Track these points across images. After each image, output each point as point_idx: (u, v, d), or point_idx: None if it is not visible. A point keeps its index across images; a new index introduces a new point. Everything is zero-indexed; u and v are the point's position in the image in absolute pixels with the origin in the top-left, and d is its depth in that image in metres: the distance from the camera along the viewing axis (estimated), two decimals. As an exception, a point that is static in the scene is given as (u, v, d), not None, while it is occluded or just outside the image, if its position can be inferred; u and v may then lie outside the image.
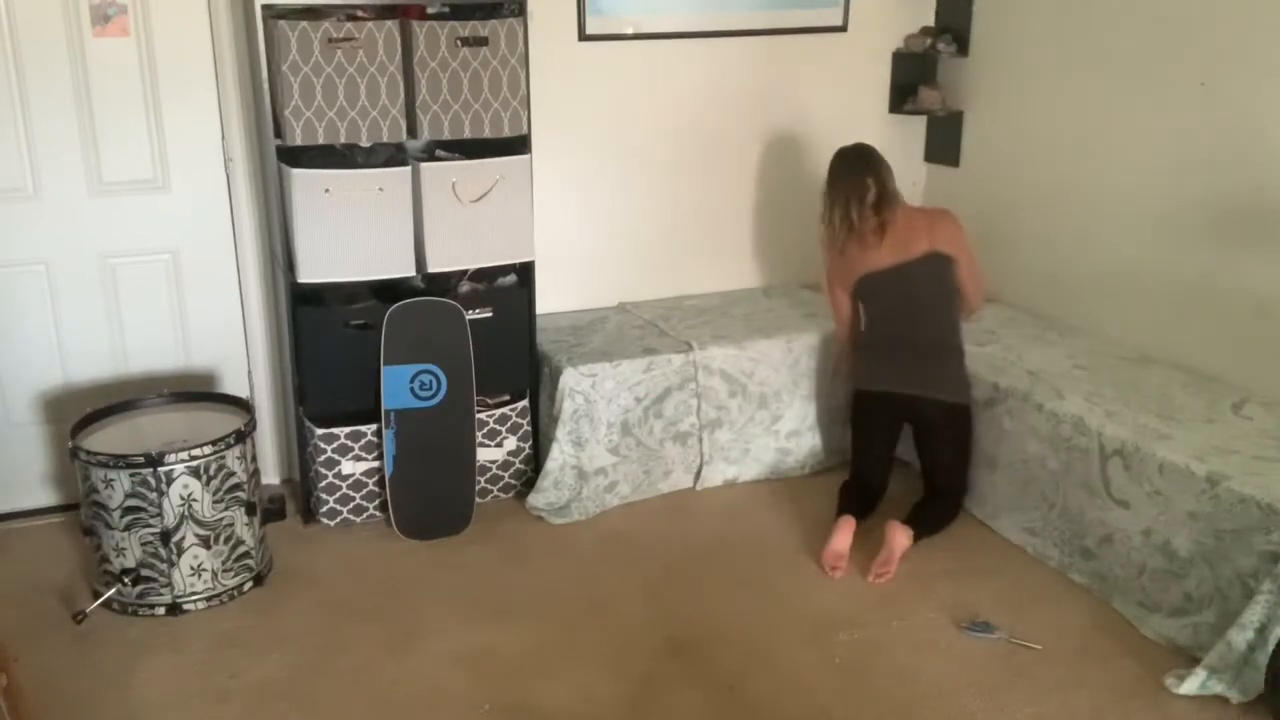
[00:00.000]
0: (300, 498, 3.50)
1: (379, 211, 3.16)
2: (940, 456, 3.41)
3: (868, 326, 3.45)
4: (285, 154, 3.15)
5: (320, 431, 3.31)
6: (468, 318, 3.36)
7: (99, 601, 2.93)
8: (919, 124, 4.40)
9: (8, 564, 3.25)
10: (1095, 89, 3.67)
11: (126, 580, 2.92)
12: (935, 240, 3.28)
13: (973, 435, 3.42)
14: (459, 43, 3.14)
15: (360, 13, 3.13)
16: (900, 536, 3.18)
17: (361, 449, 3.35)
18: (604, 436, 3.52)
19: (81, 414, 3.09)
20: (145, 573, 2.93)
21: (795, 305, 4.07)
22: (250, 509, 3.06)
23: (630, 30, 3.84)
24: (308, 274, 3.17)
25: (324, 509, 3.40)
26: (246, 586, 3.08)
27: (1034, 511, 3.23)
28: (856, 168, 3.35)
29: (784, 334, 3.76)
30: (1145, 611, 2.88)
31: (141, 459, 2.84)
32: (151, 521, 2.89)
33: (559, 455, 3.48)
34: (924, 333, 3.34)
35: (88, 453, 2.88)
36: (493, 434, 3.51)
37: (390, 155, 3.37)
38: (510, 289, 3.53)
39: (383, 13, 3.14)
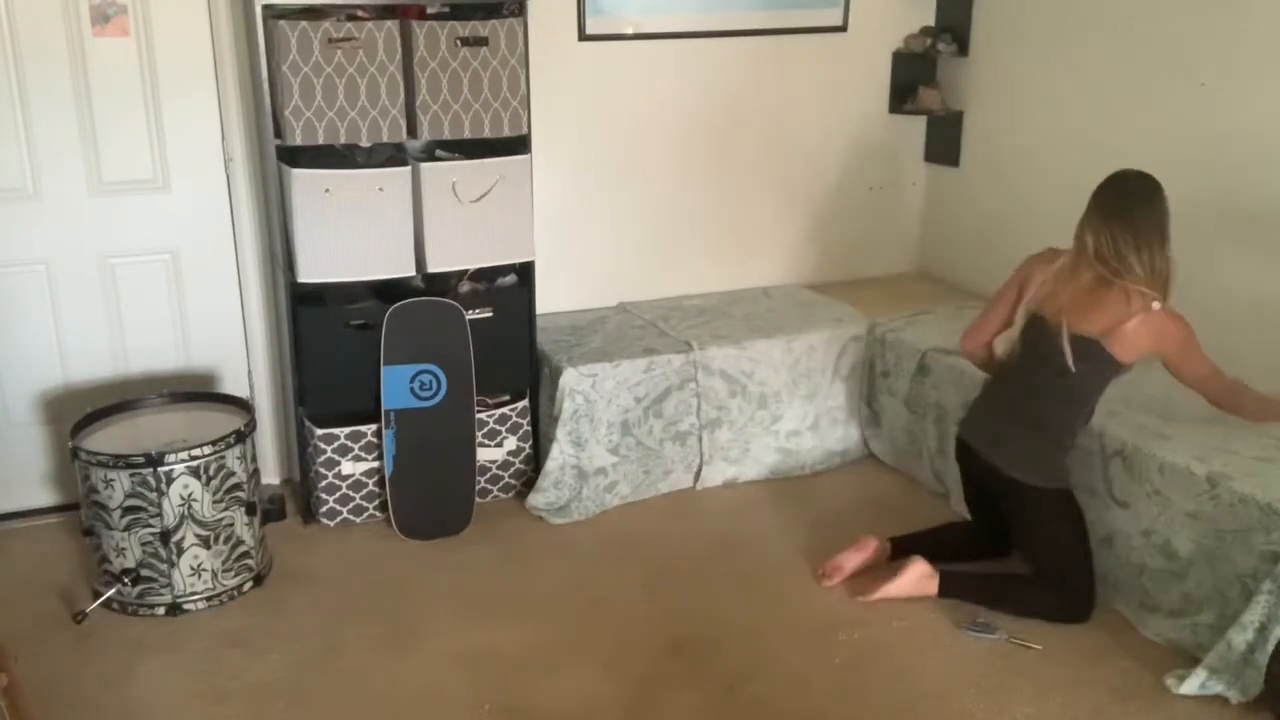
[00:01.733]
0: (300, 498, 3.50)
1: (379, 211, 3.16)
2: (1014, 531, 3.07)
3: (1002, 362, 3.07)
4: (285, 154, 3.15)
5: (320, 431, 3.31)
6: (468, 318, 3.36)
7: (99, 601, 2.93)
8: (919, 124, 4.40)
9: (8, 564, 3.25)
10: (1095, 89, 3.67)
11: (126, 580, 2.92)
12: (1115, 336, 2.75)
13: (1071, 524, 2.92)
14: (459, 43, 3.14)
15: (360, 13, 3.13)
16: (913, 577, 2.97)
17: (361, 449, 3.35)
18: (604, 436, 3.52)
19: (81, 414, 3.09)
20: (145, 573, 2.93)
21: (795, 305, 4.07)
22: (250, 509, 3.06)
23: (630, 30, 3.84)
24: (308, 274, 3.17)
25: (324, 509, 3.40)
26: (246, 586, 3.08)
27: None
28: (1122, 212, 2.77)
29: (784, 334, 3.76)
30: (1145, 612, 2.88)
31: (141, 459, 2.84)
32: (151, 521, 2.89)
33: (559, 455, 3.48)
34: (1024, 403, 2.93)
35: (88, 453, 2.88)
36: (493, 434, 3.51)
37: (390, 155, 3.37)
38: (510, 289, 3.53)
39: (383, 13, 3.13)
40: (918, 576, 2.99)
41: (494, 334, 3.43)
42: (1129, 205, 2.76)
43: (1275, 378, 3.17)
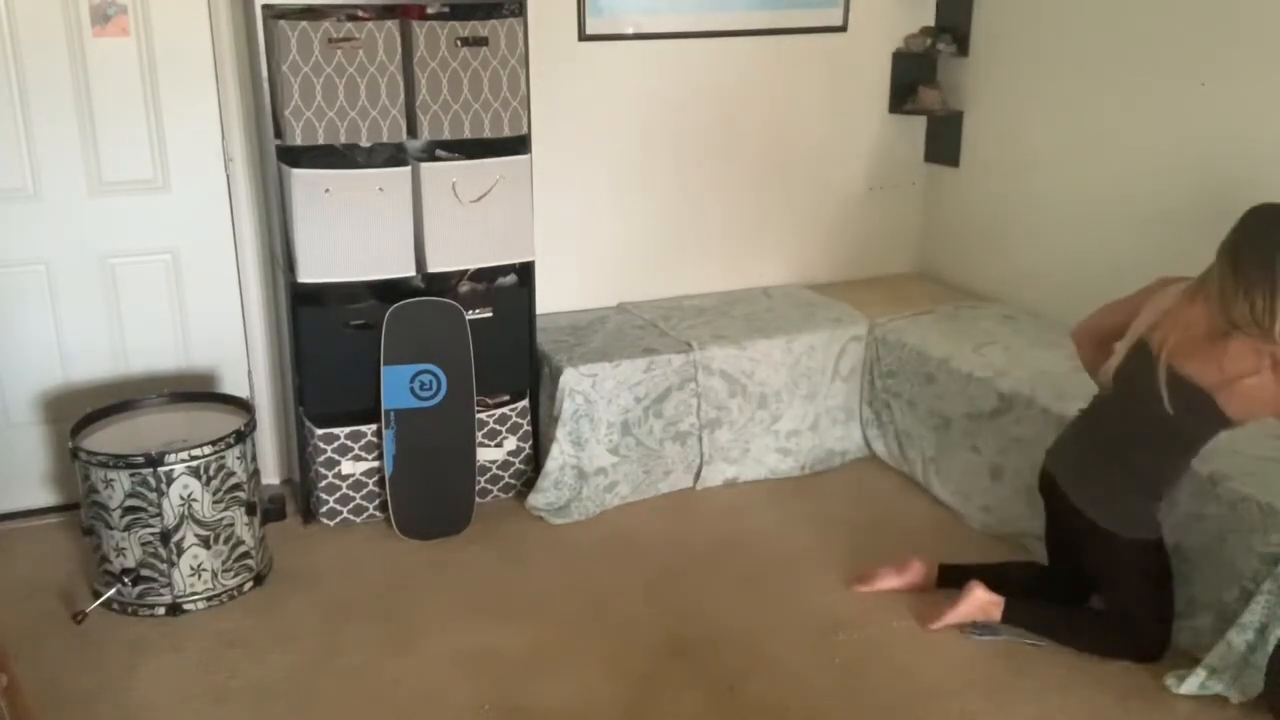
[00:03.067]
0: (300, 498, 3.50)
1: (379, 211, 3.16)
2: (1092, 574, 2.83)
3: (1100, 395, 2.81)
4: (285, 154, 3.15)
5: (320, 431, 3.31)
6: (468, 318, 3.36)
7: (99, 601, 2.93)
8: (919, 124, 4.40)
9: (8, 564, 3.24)
10: (1095, 89, 3.67)
11: (126, 580, 2.92)
12: (1235, 391, 2.44)
13: (1142, 578, 2.70)
14: (459, 43, 3.14)
15: (360, 13, 3.13)
16: (975, 603, 2.83)
17: (361, 449, 3.35)
18: (604, 436, 3.52)
19: (81, 414, 3.09)
20: (145, 573, 2.93)
21: (795, 305, 4.07)
22: (250, 509, 3.06)
23: (630, 30, 3.84)
24: (308, 274, 3.17)
25: (324, 509, 3.40)
26: (246, 586, 3.08)
27: (1038, 520, 3.20)
28: (1257, 255, 2.39)
29: (784, 334, 3.76)
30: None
31: (141, 459, 2.84)
32: (151, 521, 2.89)
33: (559, 455, 3.48)
34: (1121, 445, 2.68)
35: (88, 453, 2.88)
36: (493, 434, 3.51)
37: (390, 155, 3.37)
38: (510, 289, 3.53)
39: (383, 13, 3.13)
40: (981, 604, 2.83)
41: (494, 334, 3.43)
42: (1270, 249, 2.37)
43: None
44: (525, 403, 3.56)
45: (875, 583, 3.07)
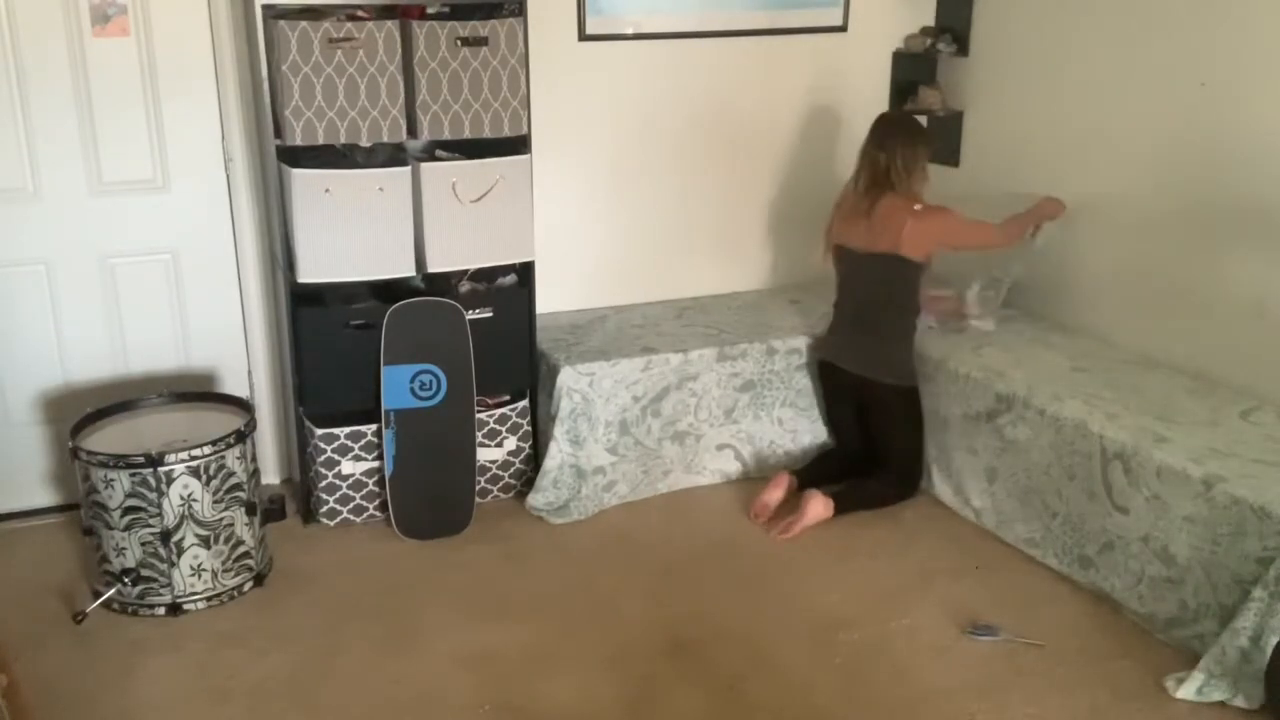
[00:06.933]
0: (300, 498, 3.50)
1: (379, 211, 3.16)
2: (877, 433, 3.58)
3: (836, 290, 3.65)
4: (285, 154, 3.15)
5: (320, 431, 3.31)
6: (468, 318, 3.36)
7: (99, 601, 2.93)
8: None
9: (8, 564, 3.25)
10: (1095, 89, 3.67)
11: (126, 580, 2.92)
12: (901, 244, 3.35)
13: (914, 420, 3.56)
14: (459, 43, 3.15)
15: (360, 13, 3.13)
16: (815, 507, 3.38)
17: (361, 449, 3.35)
18: (602, 435, 3.52)
19: (81, 414, 3.09)
20: (145, 573, 2.93)
21: (793, 305, 4.07)
22: (250, 509, 3.06)
23: (630, 30, 3.84)
24: (308, 274, 3.17)
25: (324, 509, 3.40)
26: (246, 586, 3.08)
27: (1035, 522, 3.21)
28: (876, 138, 3.47)
29: (781, 334, 3.76)
30: (1144, 619, 2.87)
31: (141, 459, 2.84)
32: (151, 521, 2.89)
33: (557, 454, 3.48)
34: (864, 317, 3.53)
35: (88, 453, 2.89)
36: (493, 434, 3.51)
37: (390, 155, 3.37)
38: (510, 289, 3.53)
39: (383, 13, 3.14)
40: (819, 507, 3.38)
41: (494, 334, 3.43)
42: (893, 134, 3.46)
43: (1276, 375, 3.17)
44: (525, 402, 3.56)
45: (769, 507, 3.45)
